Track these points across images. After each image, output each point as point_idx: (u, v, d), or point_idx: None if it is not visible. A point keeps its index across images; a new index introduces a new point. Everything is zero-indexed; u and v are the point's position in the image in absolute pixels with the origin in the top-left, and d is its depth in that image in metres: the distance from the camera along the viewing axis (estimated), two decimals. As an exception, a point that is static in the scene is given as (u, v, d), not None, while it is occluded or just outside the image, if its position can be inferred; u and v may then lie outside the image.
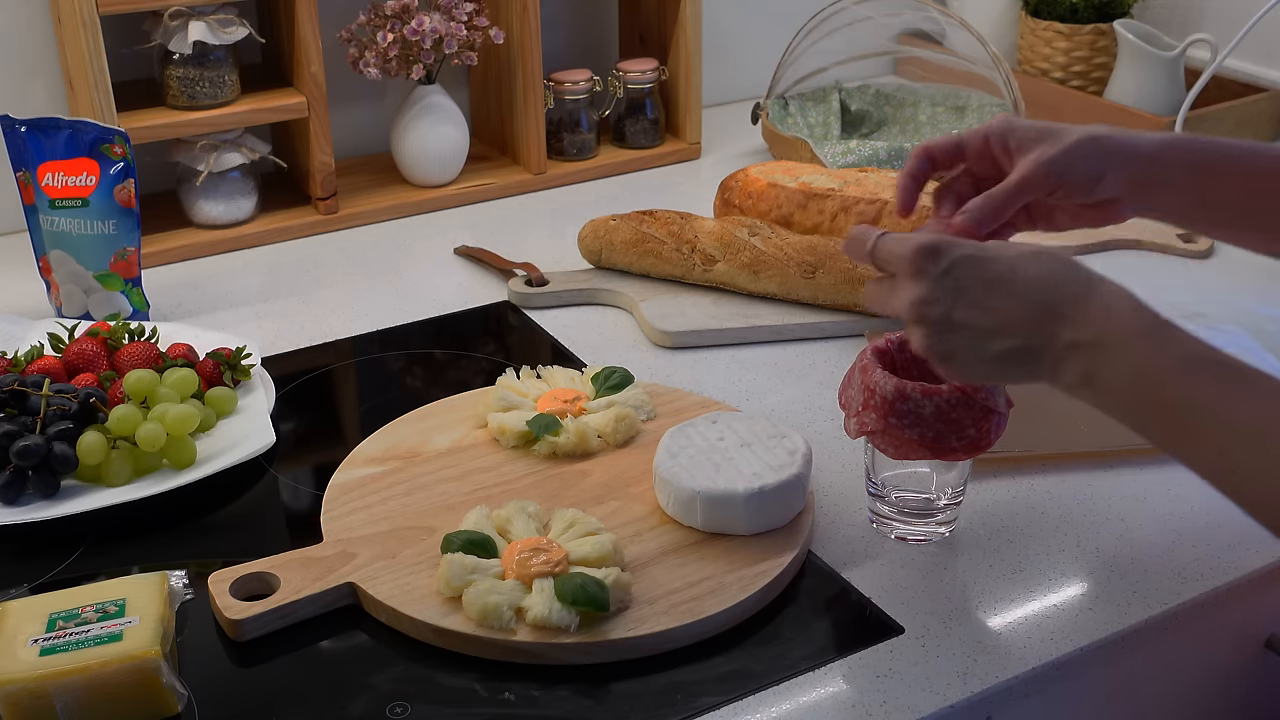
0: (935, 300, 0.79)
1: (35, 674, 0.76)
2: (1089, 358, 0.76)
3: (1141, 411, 0.75)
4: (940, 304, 0.79)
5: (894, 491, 0.95)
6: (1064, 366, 0.77)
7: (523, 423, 1.03)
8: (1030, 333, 0.77)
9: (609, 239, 1.33)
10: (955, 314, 0.79)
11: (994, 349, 0.78)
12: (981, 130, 0.90)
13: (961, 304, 0.78)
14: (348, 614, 0.88)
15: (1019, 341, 0.78)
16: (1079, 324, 0.76)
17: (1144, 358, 0.74)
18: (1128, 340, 0.75)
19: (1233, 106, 1.68)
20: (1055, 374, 0.78)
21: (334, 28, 1.50)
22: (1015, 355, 0.78)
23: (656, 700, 0.81)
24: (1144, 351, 0.75)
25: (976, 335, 0.79)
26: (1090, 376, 0.76)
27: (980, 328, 0.78)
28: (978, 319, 0.78)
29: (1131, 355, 0.75)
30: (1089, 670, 0.87)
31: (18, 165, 1.23)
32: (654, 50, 1.70)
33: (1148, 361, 0.74)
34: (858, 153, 1.52)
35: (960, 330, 0.79)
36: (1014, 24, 1.89)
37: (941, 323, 0.79)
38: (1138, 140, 0.88)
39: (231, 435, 1.05)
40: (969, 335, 0.79)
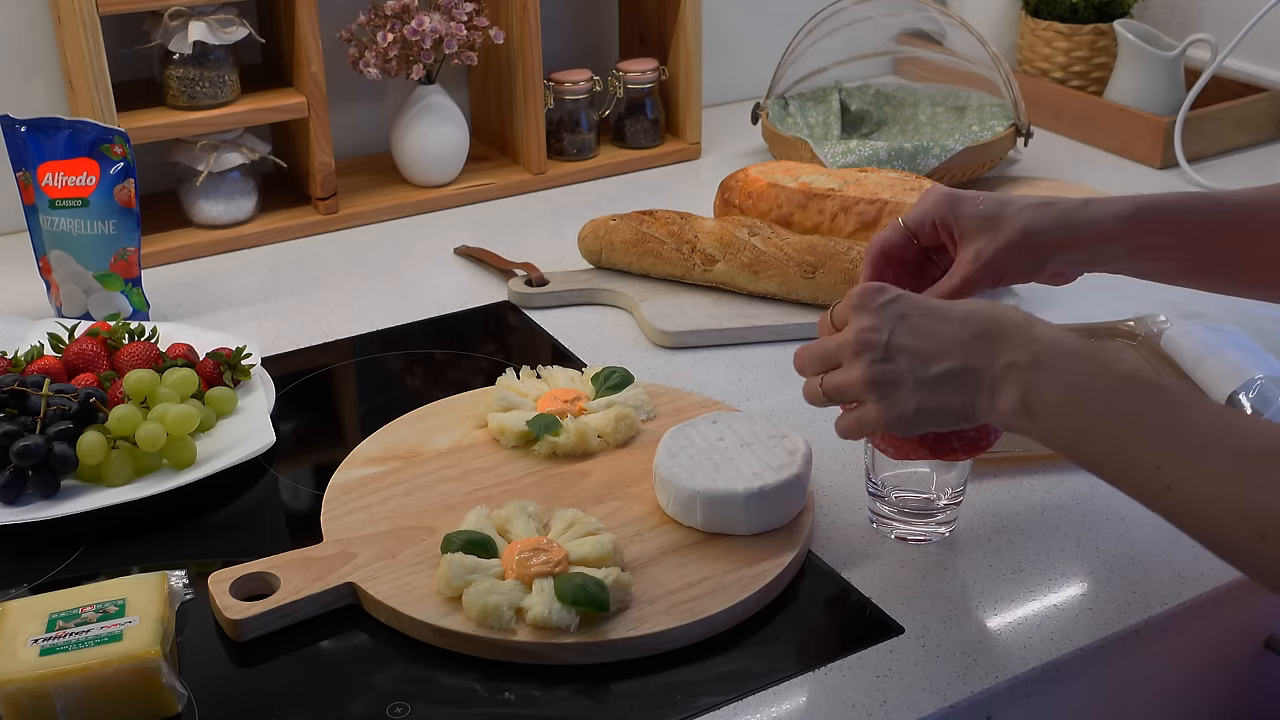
0: (878, 327, 0.81)
1: (35, 674, 0.76)
2: (1027, 378, 0.76)
3: (1077, 431, 0.75)
4: (882, 330, 0.80)
5: (894, 491, 0.95)
6: (1002, 387, 0.77)
7: (523, 423, 1.03)
8: (969, 354, 0.78)
9: (609, 239, 1.33)
10: (896, 338, 0.80)
11: (933, 371, 0.79)
12: (928, 217, 0.90)
13: (903, 328, 0.80)
14: (348, 614, 0.88)
15: (958, 363, 0.79)
16: (1017, 346, 0.77)
17: (1081, 376, 0.75)
18: (1065, 360, 0.76)
19: (1233, 106, 1.68)
20: (993, 396, 0.78)
21: (334, 28, 1.50)
22: (954, 378, 0.79)
23: (656, 700, 0.81)
24: (1081, 371, 0.75)
25: (916, 358, 0.80)
26: (1027, 396, 0.76)
27: (920, 351, 0.79)
28: (918, 344, 0.80)
29: (1069, 373, 0.76)
30: (1089, 670, 0.87)
31: (18, 165, 1.23)
32: (654, 50, 1.70)
33: (1085, 379, 0.75)
34: (858, 153, 1.52)
35: (900, 355, 0.80)
36: (1014, 24, 1.89)
37: (883, 348, 0.80)
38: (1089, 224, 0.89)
39: (231, 435, 1.05)
40: (908, 359, 0.80)
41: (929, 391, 0.80)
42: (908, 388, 0.80)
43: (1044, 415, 0.76)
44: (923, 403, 0.80)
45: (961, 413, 0.80)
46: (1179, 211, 0.90)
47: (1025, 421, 0.77)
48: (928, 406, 0.80)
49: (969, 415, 0.80)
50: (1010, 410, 0.77)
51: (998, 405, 0.78)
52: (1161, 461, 0.72)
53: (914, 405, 0.80)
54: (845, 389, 0.83)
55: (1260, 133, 1.72)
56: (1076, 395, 0.75)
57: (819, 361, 0.85)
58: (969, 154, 1.53)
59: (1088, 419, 0.75)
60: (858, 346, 0.81)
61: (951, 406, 0.80)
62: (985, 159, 1.56)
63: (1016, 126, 1.59)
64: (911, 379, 0.80)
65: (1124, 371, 0.75)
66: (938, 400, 0.80)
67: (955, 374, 0.79)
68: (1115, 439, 0.74)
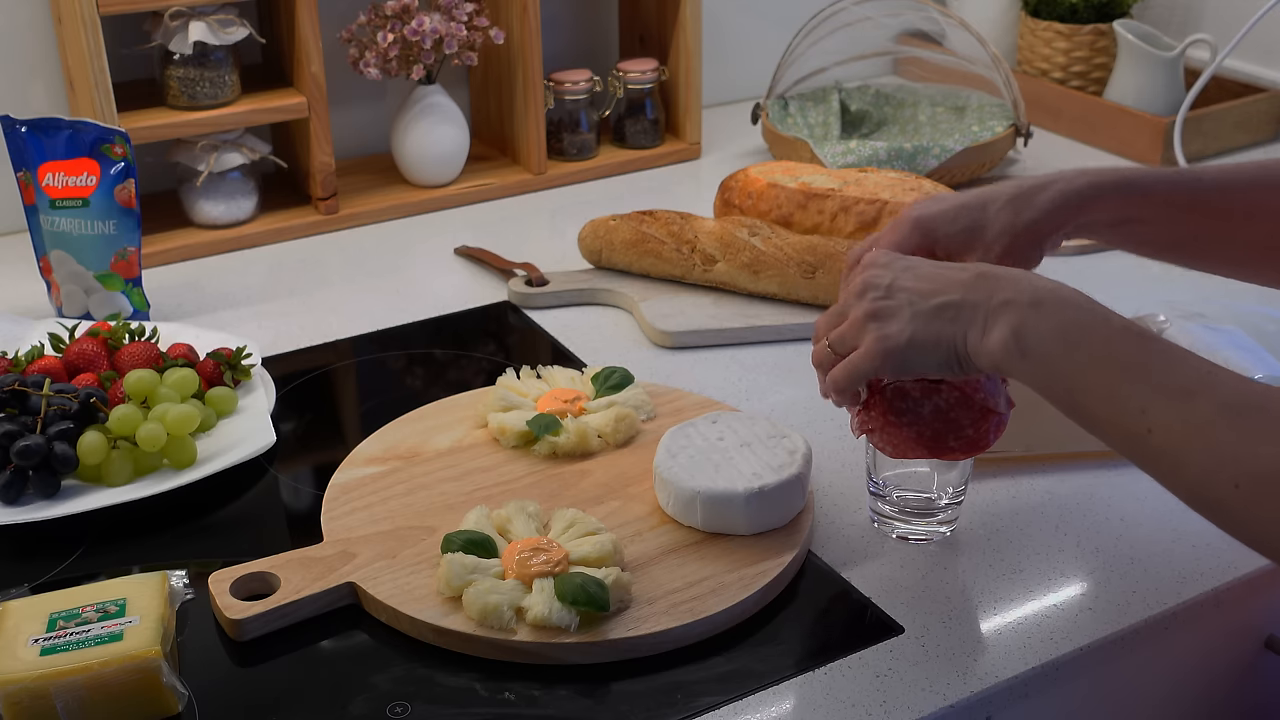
0: (883, 269, 0.84)
1: (36, 674, 0.76)
2: (1022, 315, 0.77)
3: (1067, 370, 0.76)
4: (887, 273, 0.83)
5: (895, 491, 0.95)
6: (994, 322, 0.78)
7: (523, 423, 1.03)
8: (967, 290, 0.80)
9: (609, 239, 1.33)
10: (899, 279, 0.83)
11: (931, 303, 0.81)
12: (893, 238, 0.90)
13: (907, 274, 0.83)
14: (348, 614, 0.88)
15: (955, 296, 0.80)
16: (1018, 288, 0.79)
17: (1078, 318, 0.77)
18: (1063, 304, 0.78)
19: (1232, 106, 1.68)
20: (986, 330, 0.79)
21: (334, 28, 1.50)
22: (950, 309, 0.80)
23: (656, 700, 0.81)
24: (1079, 314, 0.77)
25: (915, 294, 0.82)
26: (1020, 331, 0.77)
27: (920, 289, 0.82)
28: (919, 284, 0.82)
29: (1065, 314, 0.77)
30: (1089, 670, 0.87)
31: (18, 165, 1.23)
32: (654, 50, 1.70)
33: (1082, 321, 0.76)
34: (858, 153, 1.52)
35: (900, 293, 0.82)
36: (1014, 24, 1.89)
37: (885, 287, 0.83)
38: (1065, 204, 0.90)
39: (232, 435, 1.05)
40: (908, 295, 0.82)
41: (924, 322, 0.81)
42: (903, 318, 0.81)
43: (1035, 352, 0.77)
44: (915, 333, 0.81)
45: (951, 345, 0.80)
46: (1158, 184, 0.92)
47: (1016, 357, 0.77)
48: (920, 338, 0.81)
49: (959, 349, 0.80)
50: (1001, 344, 0.78)
51: (989, 339, 0.78)
52: (1147, 406, 0.73)
53: (907, 335, 0.81)
54: (845, 335, 0.84)
55: (1260, 133, 1.72)
56: (1071, 334, 0.76)
57: (831, 318, 0.86)
58: (969, 154, 1.53)
59: (1080, 359, 0.76)
60: (862, 288, 0.84)
61: (944, 337, 0.80)
62: (985, 159, 1.56)
63: (1016, 127, 1.59)
64: (909, 310, 0.81)
65: (1121, 322, 0.76)
66: (930, 331, 0.81)
67: (952, 306, 0.80)
68: (1104, 381, 0.75)
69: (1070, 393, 0.77)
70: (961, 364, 0.81)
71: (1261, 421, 0.70)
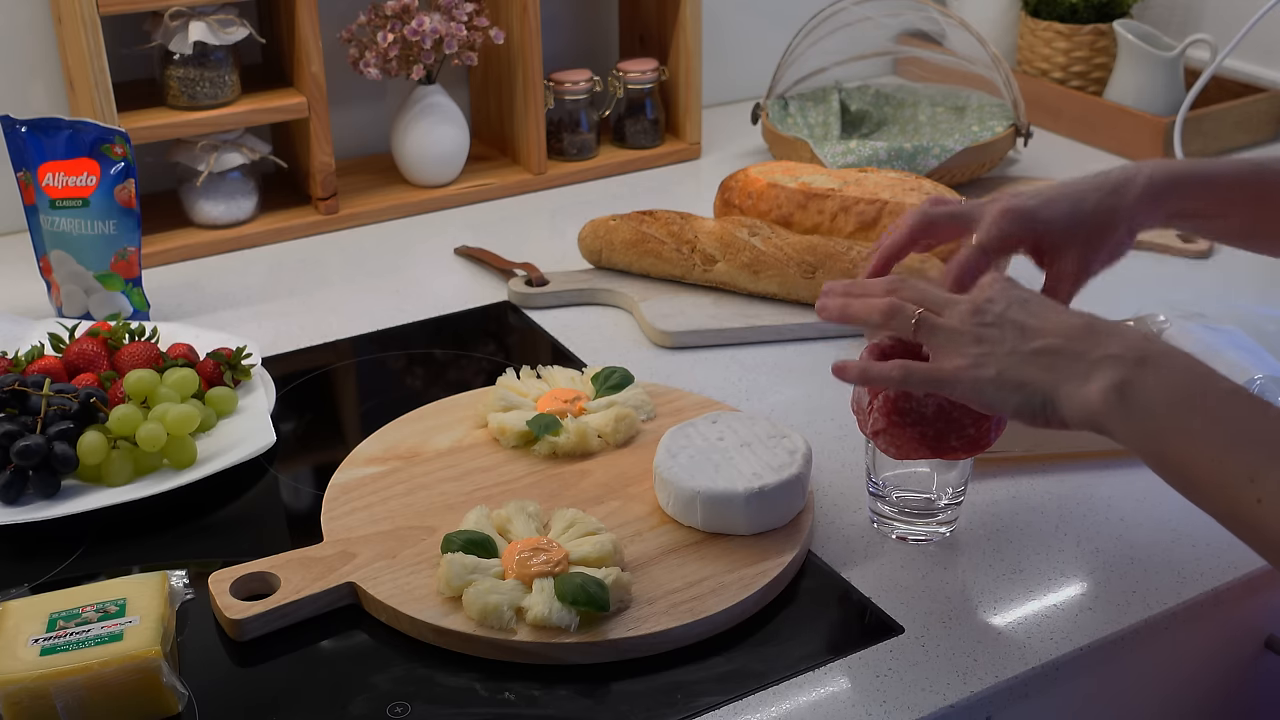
0: (997, 299, 0.81)
1: (36, 674, 0.76)
2: (1127, 370, 0.75)
3: (1168, 430, 0.74)
4: (1000, 303, 0.81)
5: (895, 491, 0.95)
6: (1096, 373, 0.76)
7: (523, 423, 1.03)
8: (1073, 338, 0.78)
9: (609, 239, 1.33)
10: (1011, 313, 0.80)
11: (1033, 345, 0.79)
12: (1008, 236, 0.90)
13: (1019, 308, 0.80)
14: (348, 614, 0.88)
15: (1058, 342, 0.78)
16: (1126, 345, 0.77)
17: (1185, 378, 0.75)
18: (1173, 363, 0.75)
19: (1232, 106, 1.68)
20: (1086, 380, 0.76)
21: (334, 28, 1.50)
22: (1048, 355, 0.78)
23: (656, 700, 0.81)
24: (1186, 375, 0.75)
25: (1020, 331, 0.79)
26: (1124, 386, 0.75)
27: (1027, 327, 0.79)
28: (1028, 321, 0.80)
29: (1172, 374, 0.75)
30: (1089, 670, 0.87)
31: (18, 165, 1.23)
32: (654, 50, 1.70)
33: (1188, 381, 0.74)
34: (858, 153, 1.52)
35: (1006, 326, 0.80)
36: (1014, 24, 1.89)
37: (995, 316, 0.81)
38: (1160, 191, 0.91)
39: (232, 435, 1.05)
40: (1013, 330, 0.80)
41: (1017, 362, 0.79)
42: (1000, 353, 0.79)
43: (1139, 408, 0.75)
44: (1005, 371, 0.79)
45: (1039, 392, 0.78)
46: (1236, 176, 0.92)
47: (1116, 410, 0.75)
48: (1008, 376, 0.79)
49: (1047, 396, 0.78)
50: (1101, 395, 0.75)
51: (1088, 388, 0.76)
52: (1257, 474, 0.70)
53: (995, 370, 0.79)
54: (938, 332, 0.82)
55: (1260, 133, 1.72)
56: (1178, 394, 0.74)
57: (920, 295, 0.84)
58: (969, 154, 1.53)
59: (1187, 420, 0.74)
60: (973, 308, 0.81)
61: (1031, 382, 0.78)
62: (985, 159, 1.56)
63: (1016, 127, 1.59)
64: (1008, 346, 0.79)
65: (1231, 386, 0.74)
66: (1021, 373, 0.79)
67: (1051, 352, 0.78)
68: (1211, 445, 0.72)
69: (1171, 454, 0.74)
70: (1044, 411, 0.78)
71: None
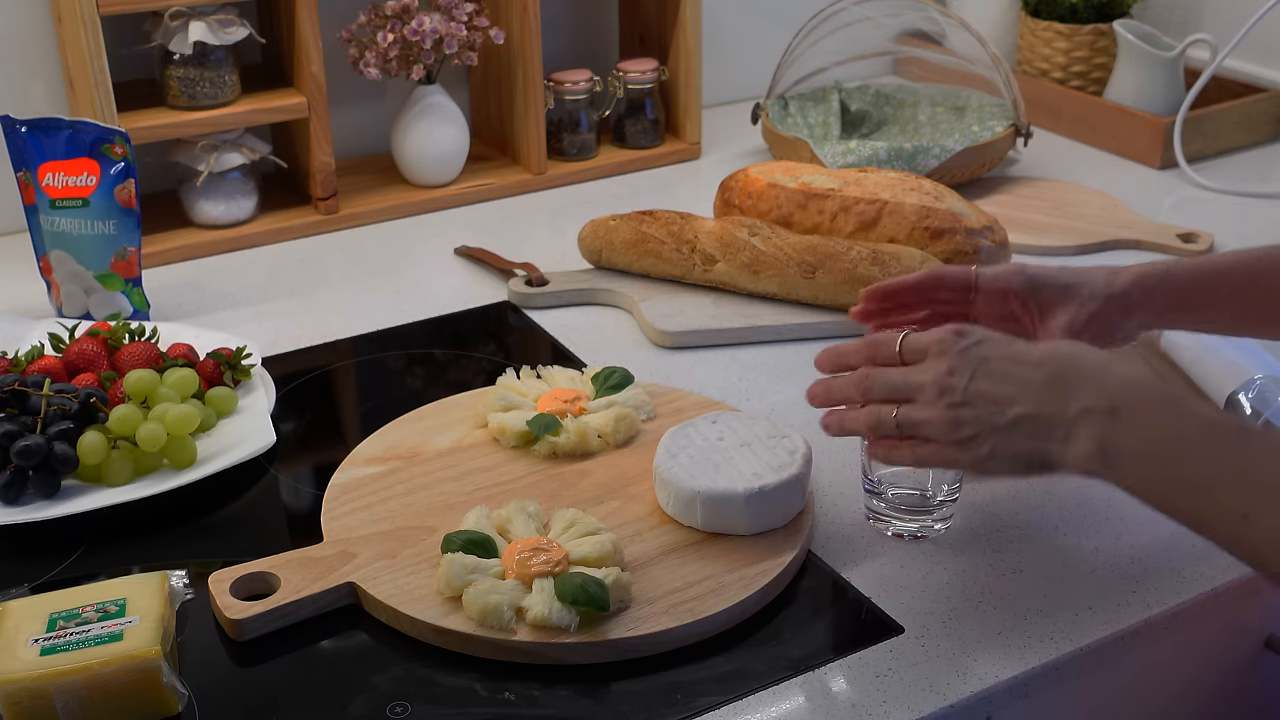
0: (958, 370, 0.80)
1: (36, 674, 0.76)
2: (1104, 425, 0.75)
3: (1159, 482, 0.74)
4: (962, 374, 0.80)
5: (891, 489, 0.95)
6: (1077, 434, 0.76)
7: (523, 423, 1.03)
8: (1042, 400, 0.77)
9: (609, 239, 1.33)
10: (975, 384, 0.79)
11: (1008, 415, 0.78)
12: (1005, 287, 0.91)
13: (982, 373, 0.79)
14: (348, 614, 0.88)
15: (1031, 409, 0.78)
16: (1094, 393, 0.76)
17: (1163, 423, 0.74)
18: (1144, 407, 0.74)
19: (1232, 106, 1.68)
20: (1068, 442, 0.76)
21: (334, 28, 1.50)
22: (1026, 423, 0.78)
23: (656, 700, 0.81)
24: (1162, 418, 0.74)
25: (992, 404, 0.79)
26: (1105, 445, 0.75)
27: (996, 396, 0.79)
28: (994, 388, 0.79)
29: (1149, 422, 0.74)
30: (1089, 670, 0.87)
31: (18, 165, 1.23)
32: (654, 50, 1.70)
33: (1167, 427, 0.74)
34: (858, 153, 1.52)
35: (977, 401, 0.79)
36: (1014, 24, 1.89)
37: (962, 392, 0.80)
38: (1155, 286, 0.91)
39: (232, 435, 1.05)
40: (985, 405, 0.79)
41: (1003, 437, 0.79)
42: (985, 433, 0.79)
43: (1123, 464, 0.75)
44: (997, 447, 0.79)
45: (1036, 459, 0.78)
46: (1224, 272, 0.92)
47: (1102, 469, 0.75)
48: (1002, 452, 0.79)
49: (1045, 462, 0.78)
50: (1085, 457, 0.75)
51: (1072, 451, 0.76)
52: (1250, 509, 0.70)
53: (988, 449, 0.79)
54: (921, 425, 0.82)
55: (1260, 133, 1.72)
56: (1157, 446, 0.74)
57: (889, 390, 0.83)
58: (969, 154, 1.53)
59: (1169, 469, 0.73)
60: (939, 390, 0.81)
61: (1024, 453, 0.79)
62: (985, 159, 1.56)
63: (1016, 127, 1.59)
64: (988, 424, 0.79)
65: (1206, 418, 0.74)
66: (1011, 446, 0.79)
67: (1028, 420, 0.78)
68: (1197, 489, 0.72)
69: (1164, 500, 0.74)
70: (1046, 470, 0.79)
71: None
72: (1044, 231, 1.45)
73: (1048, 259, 1.41)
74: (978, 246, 1.28)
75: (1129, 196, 1.56)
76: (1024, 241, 1.42)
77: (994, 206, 1.52)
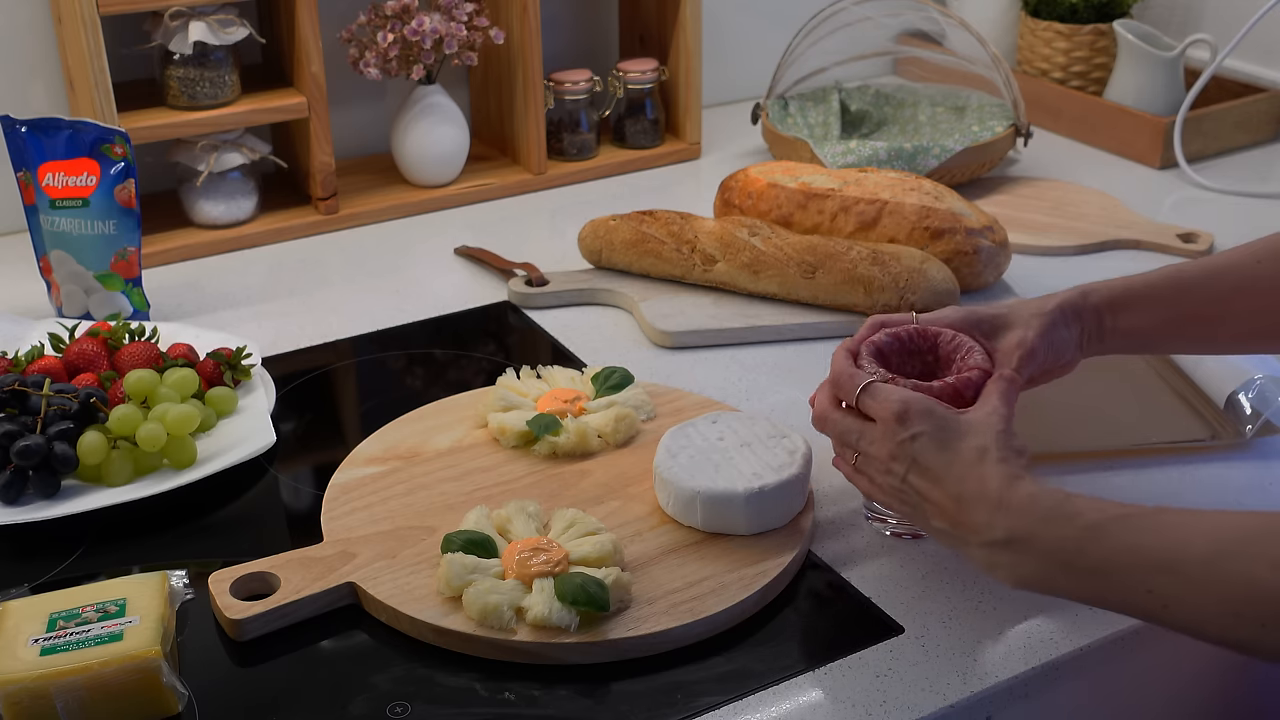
0: (897, 458, 0.85)
1: (36, 674, 0.76)
2: (1008, 554, 0.80)
3: (1070, 587, 0.79)
4: (900, 463, 0.85)
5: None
6: (980, 555, 0.81)
7: (523, 423, 1.03)
8: (956, 521, 0.82)
9: (609, 239, 1.33)
10: (909, 479, 0.84)
11: (934, 525, 0.85)
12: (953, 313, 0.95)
13: (914, 474, 0.84)
14: (348, 614, 0.88)
15: (948, 525, 0.83)
16: (990, 524, 0.80)
17: (1052, 541, 0.78)
18: (1032, 530, 0.79)
19: (1232, 107, 1.68)
20: (975, 558, 0.82)
21: (334, 28, 1.50)
22: (949, 538, 0.84)
23: (656, 700, 0.81)
24: (1050, 535, 0.78)
25: (921, 505, 0.85)
26: (1012, 576, 0.80)
27: (925, 499, 0.84)
28: (925, 490, 0.84)
29: (1040, 543, 0.79)
30: (1089, 670, 0.87)
31: (18, 165, 1.23)
32: (654, 50, 1.70)
33: (1057, 543, 0.78)
34: (858, 153, 1.52)
35: (909, 494, 0.85)
36: (1014, 24, 1.89)
37: (901, 479, 0.85)
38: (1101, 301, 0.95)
39: (232, 435, 1.05)
40: (917, 501, 0.85)
41: (933, 532, 0.86)
42: (917, 517, 0.86)
43: (1032, 586, 0.80)
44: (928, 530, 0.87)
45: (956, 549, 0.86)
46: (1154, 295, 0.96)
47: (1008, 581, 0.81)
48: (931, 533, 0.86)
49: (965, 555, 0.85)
50: (990, 570, 0.81)
51: (981, 563, 0.82)
52: (1152, 585, 0.75)
53: (930, 527, 0.86)
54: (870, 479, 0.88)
55: (1260, 133, 1.72)
56: (1054, 560, 0.78)
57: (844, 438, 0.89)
58: (969, 154, 1.54)
59: (1073, 576, 0.78)
60: (883, 466, 0.86)
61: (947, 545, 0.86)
62: (985, 159, 1.56)
63: (1016, 127, 1.59)
64: (920, 516, 0.86)
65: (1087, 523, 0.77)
66: (937, 537, 0.86)
67: (949, 535, 0.84)
68: (1104, 583, 0.77)
69: (1081, 596, 0.79)
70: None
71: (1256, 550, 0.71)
72: (1044, 231, 1.45)
73: (1048, 259, 1.41)
74: (978, 246, 1.28)
75: (1129, 196, 1.56)
76: (1024, 241, 1.42)
77: (994, 206, 1.52)
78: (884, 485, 0.87)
